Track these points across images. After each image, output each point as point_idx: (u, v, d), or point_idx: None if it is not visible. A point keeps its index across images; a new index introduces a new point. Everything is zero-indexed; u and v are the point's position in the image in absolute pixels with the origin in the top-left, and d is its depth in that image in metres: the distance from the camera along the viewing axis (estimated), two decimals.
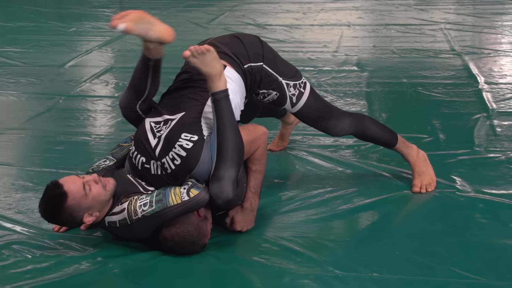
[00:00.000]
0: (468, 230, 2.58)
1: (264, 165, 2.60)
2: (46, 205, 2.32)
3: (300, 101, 2.73)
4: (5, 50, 5.87)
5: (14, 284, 2.26)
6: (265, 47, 2.70)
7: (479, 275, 2.25)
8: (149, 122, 2.51)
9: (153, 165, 2.42)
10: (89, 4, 8.74)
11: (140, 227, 2.36)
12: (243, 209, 2.58)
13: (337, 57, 5.37)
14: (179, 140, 2.39)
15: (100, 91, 4.60)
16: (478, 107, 3.99)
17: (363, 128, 2.89)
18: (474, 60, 5.09)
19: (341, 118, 2.84)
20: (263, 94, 2.70)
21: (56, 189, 2.29)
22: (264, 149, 2.58)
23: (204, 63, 2.34)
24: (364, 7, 7.91)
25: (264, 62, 2.64)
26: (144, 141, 2.46)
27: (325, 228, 2.62)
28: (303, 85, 2.74)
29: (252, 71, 2.62)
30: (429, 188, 2.87)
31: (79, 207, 2.31)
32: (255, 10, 7.85)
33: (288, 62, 2.79)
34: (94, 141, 3.64)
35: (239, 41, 2.66)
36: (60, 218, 2.34)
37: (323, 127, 2.85)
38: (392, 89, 4.45)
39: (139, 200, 2.36)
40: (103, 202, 2.36)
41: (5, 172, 3.24)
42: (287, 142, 3.43)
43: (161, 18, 2.45)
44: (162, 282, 2.27)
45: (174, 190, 2.35)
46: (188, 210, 2.34)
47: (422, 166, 2.91)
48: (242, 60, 2.60)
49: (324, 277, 2.26)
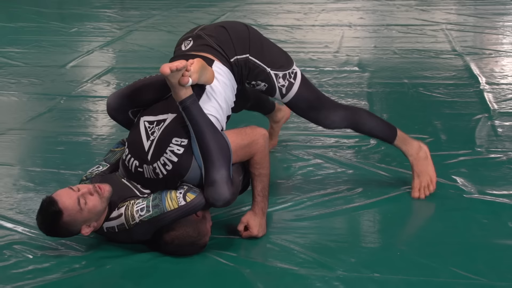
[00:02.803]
0: (469, 231, 2.58)
1: (267, 168, 2.54)
2: (43, 220, 2.32)
3: (290, 91, 2.67)
4: (7, 50, 5.87)
5: (15, 284, 2.26)
6: (252, 36, 2.62)
7: (480, 275, 2.25)
8: (143, 121, 2.47)
9: (146, 169, 2.40)
10: (90, 4, 8.74)
11: (139, 231, 2.35)
12: (255, 214, 2.53)
13: (338, 57, 5.37)
14: (170, 146, 2.36)
15: (102, 92, 4.60)
16: (479, 108, 3.99)
17: (357, 122, 2.82)
18: (476, 60, 5.09)
19: (334, 110, 2.77)
20: (252, 85, 2.66)
21: (51, 207, 2.27)
22: (264, 152, 2.51)
23: (174, 77, 2.29)
24: (365, 8, 7.91)
25: (250, 53, 2.58)
26: (137, 143, 2.43)
27: (326, 229, 2.62)
28: (294, 75, 2.67)
29: (239, 63, 2.57)
30: (427, 191, 2.81)
31: (75, 221, 2.30)
32: (256, 11, 7.85)
33: (279, 48, 2.72)
34: (95, 142, 3.64)
35: (225, 31, 2.61)
36: (58, 232, 2.34)
37: (314, 119, 2.78)
38: (393, 90, 4.44)
39: (136, 205, 2.35)
40: (99, 212, 2.35)
41: (6, 172, 3.25)
42: (276, 141, 3.39)
43: (162, 19, 2.45)
44: (162, 282, 2.27)
45: (170, 194, 2.34)
46: (185, 215, 2.33)
47: (421, 165, 2.84)
48: (228, 53, 2.56)
49: (325, 278, 2.26)
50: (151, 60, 5.35)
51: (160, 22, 7.14)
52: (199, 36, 2.60)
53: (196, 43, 2.59)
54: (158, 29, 6.80)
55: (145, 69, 4.97)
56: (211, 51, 2.54)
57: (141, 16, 7.55)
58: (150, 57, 5.53)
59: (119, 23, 7.27)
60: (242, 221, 2.53)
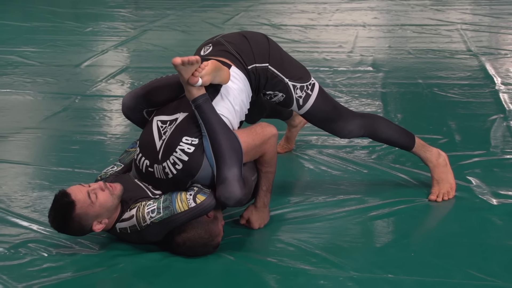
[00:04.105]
0: (484, 232, 2.56)
1: (274, 166, 2.57)
2: (56, 213, 2.33)
3: (307, 103, 2.67)
4: (22, 50, 5.92)
5: (31, 282, 2.27)
6: (272, 47, 2.64)
7: (495, 277, 2.23)
8: (156, 121, 2.48)
9: (156, 169, 2.41)
10: (105, 4, 8.78)
11: (150, 233, 2.36)
12: (257, 208, 2.59)
13: (352, 57, 5.35)
14: (180, 144, 2.36)
15: (116, 91, 4.62)
16: (495, 108, 3.96)
17: (374, 130, 2.82)
18: (491, 60, 5.05)
19: (350, 120, 2.77)
20: (269, 95, 2.67)
21: (64, 198, 2.30)
22: (273, 152, 2.52)
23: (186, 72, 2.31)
24: (379, 8, 7.88)
25: (270, 63, 2.60)
26: (150, 143, 2.44)
27: (340, 229, 2.61)
28: (311, 86, 2.68)
29: (257, 72, 2.58)
30: (446, 197, 2.80)
31: (86, 215, 2.32)
32: (270, 10, 7.85)
33: (298, 62, 2.74)
34: (109, 141, 3.66)
35: (245, 40, 2.62)
36: (69, 226, 2.34)
37: (331, 129, 2.78)
38: (407, 90, 4.43)
39: (147, 207, 2.35)
40: (111, 208, 2.36)
41: (22, 171, 3.27)
42: (293, 144, 3.41)
43: (176, 18, 2.46)
44: (176, 281, 2.28)
45: (180, 196, 2.34)
46: (196, 216, 2.33)
47: (442, 173, 2.82)
48: (246, 61, 2.57)
49: (339, 278, 2.26)
50: (165, 59, 5.37)
51: (174, 22, 7.16)
52: (219, 42, 2.62)
53: (216, 48, 2.60)
54: (172, 28, 6.83)
55: (159, 69, 5.00)
56: (229, 56, 2.56)
57: (156, 16, 7.58)
58: (164, 57, 5.55)
59: (134, 23, 7.31)
60: (243, 217, 2.60)
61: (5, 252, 2.47)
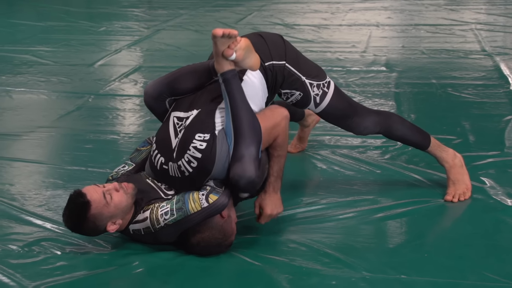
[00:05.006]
0: (498, 233, 2.54)
1: (286, 149, 2.54)
2: (70, 213, 2.33)
3: (324, 101, 2.68)
4: (36, 49, 5.96)
5: (45, 280, 2.28)
6: (287, 46, 2.66)
7: (510, 278, 2.22)
8: (173, 117, 2.49)
9: (171, 167, 2.41)
10: (119, 3, 8.82)
11: (164, 234, 2.37)
12: (266, 193, 2.53)
13: (365, 57, 5.34)
14: (193, 142, 2.36)
15: (129, 90, 4.64)
16: (509, 109, 3.93)
17: (389, 127, 2.82)
18: (506, 61, 5.02)
19: (365, 116, 2.78)
20: (286, 95, 2.67)
21: (79, 198, 2.30)
22: (285, 134, 2.51)
23: (223, 43, 2.31)
24: (393, 7, 7.86)
25: (287, 61, 2.61)
26: (165, 140, 2.44)
27: (352, 230, 2.61)
28: (327, 84, 2.69)
29: (274, 69, 2.59)
30: (462, 198, 2.78)
31: (101, 215, 2.32)
32: (283, 10, 7.85)
33: (312, 61, 2.75)
34: (122, 140, 3.67)
35: (262, 39, 2.63)
36: (84, 226, 2.34)
37: (347, 126, 2.80)
38: (421, 90, 4.41)
39: (160, 209, 2.36)
40: (125, 209, 2.37)
41: (36, 169, 3.29)
42: (305, 144, 3.41)
43: (190, 18, 2.47)
44: (189, 280, 2.28)
45: (192, 196, 2.34)
46: (209, 216, 2.33)
47: (458, 174, 2.81)
48: (263, 58, 2.56)
49: (352, 279, 2.25)
50: (178, 59, 5.38)
51: (188, 21, 7.17)
52: None
53: None
54: (186, 28, 6.84)
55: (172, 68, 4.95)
56: None
57: (169, 16, 7.60)
58: (177, 56, 5.56)
59: (147, 22, 7.33)
60: (255, 205, 2.55)
61: (19, 250, 2.48)
